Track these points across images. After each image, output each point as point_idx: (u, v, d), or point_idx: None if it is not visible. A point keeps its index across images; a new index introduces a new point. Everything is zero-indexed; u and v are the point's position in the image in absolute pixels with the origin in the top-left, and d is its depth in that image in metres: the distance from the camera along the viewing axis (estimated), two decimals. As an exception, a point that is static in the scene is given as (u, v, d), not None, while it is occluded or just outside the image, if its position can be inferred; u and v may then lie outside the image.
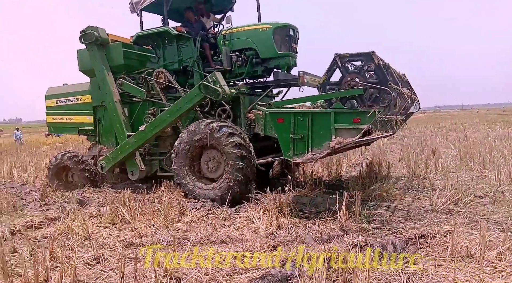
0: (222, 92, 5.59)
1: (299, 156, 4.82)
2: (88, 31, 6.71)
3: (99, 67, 6.81)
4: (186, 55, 6.56)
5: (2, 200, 5.82)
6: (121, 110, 6.84)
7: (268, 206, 4.93)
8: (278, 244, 3.85)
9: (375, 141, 6.98)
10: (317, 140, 4.72)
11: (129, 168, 6.73)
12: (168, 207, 5.16)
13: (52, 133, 8.38)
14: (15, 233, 4.53)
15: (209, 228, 4.51)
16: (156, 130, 6.27)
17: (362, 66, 5.20)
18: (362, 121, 4.44)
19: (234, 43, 6.24)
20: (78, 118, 7.52)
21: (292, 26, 6.22)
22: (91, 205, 5.75)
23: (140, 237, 4.34)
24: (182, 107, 6.01)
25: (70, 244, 3.93)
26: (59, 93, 7.80)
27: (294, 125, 4.84)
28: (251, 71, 6.33)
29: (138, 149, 6.62)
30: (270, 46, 5.98)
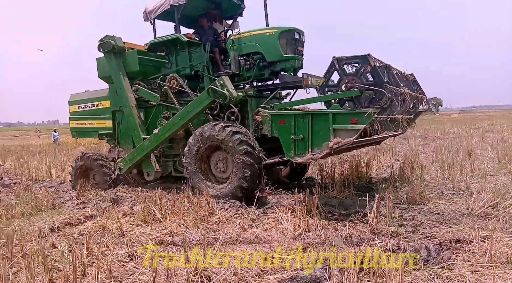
0: (229, 95, 5.80)
1: (300, 156, 4.97)
2: (106, 40, 7.07)
3: (116, 74, 7.18)
4: (197, 61, 6.82)
5: (42, 198, 6.14)
6: (137, 114, 7.17)
7: (296, 207, 4.91)
8: (307, 246, 3.82)
9: (384, 140, 6.98)
10: (317, 141, 4.87)
11: (145, 169, 7.05)
12: (197, 207, 5.24)
13: (75, 137, 8.70)
14: (54, 230, 4.75)
15: (238, 228, 4.55)
16: (169, 133, 6.54)
17: (359, 69, 5.23)
18: (360, 121, 4.55)
19: (242, 47, 6.47)
20: (98, 123, 7.86)
21: (297, 30, 6.36)
22: (124, 203, 5.95)
23: (171, 236, 4.44)
24: (192, 111, 6.26)
25: (105, 241, 4.08)
26: (81, 99, 8.18)
27: (295, 126, 5.01)
28: (259, 74, 6.53)
29: (153, 151, 6.89)
30: (276, 49, 6.15)
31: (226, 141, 5.74)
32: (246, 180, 5.60)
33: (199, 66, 6.81)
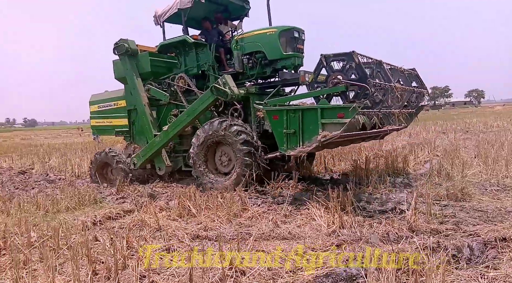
0: (231, 93, 6.16)
1: (292, 149, 5.29)
2: (120, 44, 7.57)
3: (130, 75, 7.65)
4: (203, 60, 7.22)
5: (85, 193, 6.45)
6: (149, 112, 7.63)
7: (329, 203, 4.84)
8: (342, 243, 3.76)
9: (383, 134, 7.04)
10: (307, 135, 5.16)
11: (157, 164, 7.49)
12: (231, 202, 5.31)
13: (95, 135, 9.17)
14: (96, 223, 4.98)
15: (270, 224, 4.55)
16: (177, 129, 6.96)
17: (345, 65, 5.39)
18: (346, 115, 4.79)
19: (245, 47, 6.78)
20: (115, 121, 8.39)
21: (296, 29, 6.58)
22: (160, 199, 6.14)
23: (205, 230, 4.52)
24: (198, 108, 6.68)
25: (143, 235, 4.22)
26: (100, 99, 8.72)
27: (287, 121, 5.31)
28: (261, 72, 6.85)
29: (164, 147, 7.31)
30: (277, 48, 6.43)
31: (225, 134, 6.18)
32: (247, 168, 5.99)
33: (205, 66, 7.19)
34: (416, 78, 6.98)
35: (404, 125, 6.37)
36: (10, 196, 6.68)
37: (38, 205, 5.80)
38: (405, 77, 6.45)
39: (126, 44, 7.51)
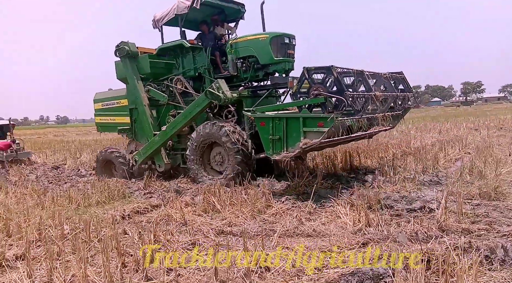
0: (223, 97, 6.48)
1: (277, 154, 5.70)
2: (121, 46, 7.85)
3: (131, 76, 7.95)
4: (200, 63, 7.55)
5: (114, 188, 6.66)
6: (149, 112, 7.94)
7: (355, 201, 4.76)
8: (368, 241, 3.70)
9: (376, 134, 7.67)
10: (291, 141, 5.55)
11: (157, 162, 7.85)
12: (255, 199, 5.32)
13: (100, 131, 9.56)
14: (125, 217, 5.14)
15: (295, 221, 4.53)
16: (175, 130, 7.31)
17: (325, 78, 5.70)
18: (325, 125, 5.19)
19: (239, 51, 7.10)
20: (118, 119, 8.68)
21: (287, 35, 6.98)
22: (186, 194, 6.24)
23: (230, 226, 4.56)
24: (194, 110, 7.00)
25: (170, 229, 4.32)
26: (104, 98, 9.04)
27: (273, 128, 5.70)
28: (254, 75, 7.20)
29: (163, 146, 7.64)
30: (268, 53, 6.78)
31: (217, 136, 6.58)
32: (239, 165, 6.39)
33: (201, 69, 7.54)
34: (403, 82, 7.45)
35: (391, 126, 6.95)
36: (45, 190, 6.99)
37: (70, 199, 6.04)
38: (389, 83, 6.86)
39: (126, 47, 7.81)
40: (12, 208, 5.39)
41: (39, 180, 8.78)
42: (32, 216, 4.87)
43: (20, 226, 4.46)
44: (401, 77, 7.39)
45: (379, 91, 6.40)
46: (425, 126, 17.54)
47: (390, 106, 6.85)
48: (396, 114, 7.01)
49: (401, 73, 7.44)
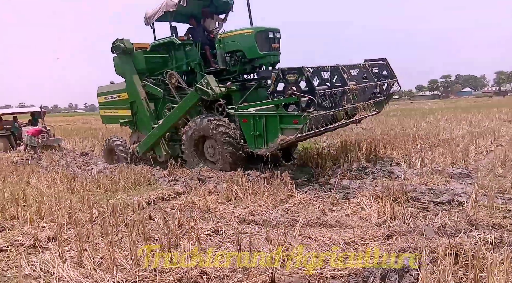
0: (212, 92, 6.87)
1: (259, 149, 6.07)
2: (117, 43, 8.20)
3: (128, 71, 8.36)
4: (191, 58, 7.81)
5: (140, 175, 6.83)
6: (146, 106, 8.31)
7: (380, 193, 4.67)
8: (393, 234, 3.62)
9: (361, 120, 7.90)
10: (270, 137, 5.89)
11: (157, 153, 8.32)
12: (277, 188, 5.32)
13: (104, 123, 10.30)
14: (150, 203, 5.26)
15: (317, 211, 4.50)
16: (170, 123, 7.72)
17: (297, 79, 6.01)
18: (299, 122, 5.50)
19: (227, 45, 7.38)
20: (120, 111, 9.01)
21: (271, 29, 7.27)
22: (209, 182, 6.31)
23: (252, 215, 4.58)
24: (186, 105, 7.38)
25: (193, 216, 4.39)
26: (106, 91, 9.38)
27: (254, 125, 6.02)
28: (242, 69, 7.54)
29: (162, 137, 8.01)
30: (254, 47, 7.05)
31: (208, 129, 6.86)
32: (229, 156, 6.69)
33: (192, 63, 7.81)
34: (386, 68, 7.82)
35: (377, 111, 7.41)
36: (74, 175, 7.26)
37: (98, 184, 6.25)
38: (369, 72, 7.27)
39: (122, 44, 8.15)
40: (44, 192, 5.64)
41: (69, 165, 9.13)
42: (62, 200, 5.07)
43: (52, 209, 4.65)
44: (384, 63, 7.78)
45: (360, 82, 6.96)
46: (455, 117, 16.90)
47: (373, 93, 7.43)
48: (380, 100, 7.55)
49: (385, 59, 7.81)
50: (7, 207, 4.83)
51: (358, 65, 7.12)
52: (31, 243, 3.83)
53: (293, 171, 6.71)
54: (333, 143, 10.12)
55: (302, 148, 9.12)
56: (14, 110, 16.72)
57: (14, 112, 15.03)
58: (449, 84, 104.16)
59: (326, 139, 10.68)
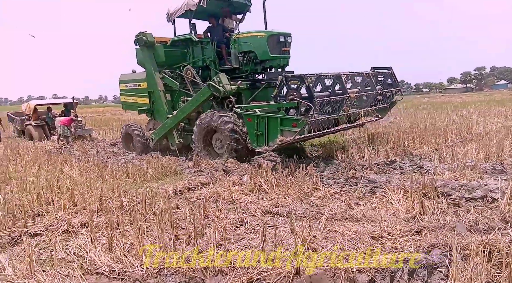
0: (223, 90, 7.33)
1: (260, 147, 6.51)
2: (140, 36, 8.78)
3: (148, 63, 8.91)
4: (207, 55, 8.39)
5: (166, 165, 6.98)
6: (163, 97, 8.89)
7: (409, 188, 4.55)
8: (422, 230, 3.53)
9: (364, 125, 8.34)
10: (271, 137, 6.32)
11: (170, 141, 8.89)
12: (302, 181, 5.30)
13: (124, 109, 11.08)
14: (177, 193, 5.38)
15: (343, 205, 4.45)
16: (184, 115, 8.26)
17: (298, 86, 6.45)
18: (298, 125, 5.93)
19: (241, 46, 7.86)
20: (139, 99, 9.63)
21: (282, 34, 7.72)
22: (233, 174, 6.37)
23: (276, 207, 4.59)
24: (199, 99, 7.89)
25: (219, 206, 4.45)
26: (127, 79, 10.00)
27: (257, 124, 6.46)
28: (253, 69, 7.99)
29: (175, 127, 8.54)
30: (265, 50, 7.55)
31: (216, 124, 7.33)
32: (234, 151, 7.17)
33: (207, 60, 8.34)
34: (391, 77, 8.34)
35: (379, 117, 8.05)
36: (104, 164, 7.51)
37: (127, 174, 6.44)
38: (371, 80, 7.74)
39: (144, 37, 8.68)
40: (76, 180, 5.88)
41: (99, 155, 9.45)
42: (94, 188, 5.27)
43: (84, 197, 4.84)
44: (389, 72, 8.31)
45: (363, 89, 7.49)
46: (489, 111, 16.14)
47: (377, 99, 7.96)
48: (383, 107, 8.15)
49: (390, 68, 8.32)
50: (43, 193, 5.07)
51: (362, 73, 7.62)
52: (65, 228, 4.01)
53: (318, 164, 6.65)
54: (359, 136, 9.92)
55: (327, 141, 9.01)
56: (48, 101, 17.41)
57: (48, 103, 15.65)
58: (483, 76, 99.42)
59: (352, 133, 10.50)
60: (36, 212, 4.51)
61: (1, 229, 4.02)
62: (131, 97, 9.93)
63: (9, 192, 5.28)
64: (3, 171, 6.96)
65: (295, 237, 3.25)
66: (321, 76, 6.80)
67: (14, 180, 6.13)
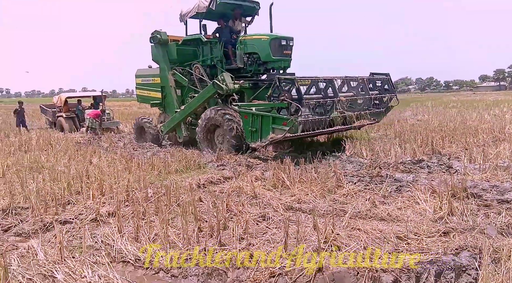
0: (226, 88, 7.82)
1: (254, 143, 7.12)
2: (155, 34, 9.35)
3: (161, 60, 9.50)
4: (215, 54, 8.83)
5: (190, 159, 7.08)
6: (174, 92, 9.49)
7: (437, 188, 4.41)
8: (450, 231, 3.42)
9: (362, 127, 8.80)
10: (264, 134, 6.91)
11: (178, 134, 9.56)
12: (325, 178, 5.24)
13: (139, 102, 11.58)
14: (200, 186, 5.45)
15: (367, 203, 4.37)
16: (190, 109, 8.86)
17: (289, 88, 6.87)
18: (287, 124, 6.47)
19: (246, 47, 8.28)
20: (152, 94, 10.20)
21: (284, 37, 8.12)
22: (256, 169, 6.38)
23: (299, 203, 4.57)
24: (204, 96, 8.46)
25: (241, 201, 4.47)
26: (143, 74, 10.53)
27: (252, 121, 7.06)
28: (257, 69, 8.41)
29: (182, 121, 9.14)
30: (268, 52, 7.95)
31: (218, 120, 7.88)
32: (232, 146, 7.67)
33: (214, 60, 8.81)
34: (388, 82, 8.82)
35: (376, 120, 8.63)
36: (131, 156, 7.70)
37: (153, 166, 6.58)
38: (366, 85, 8.19)
39: (158, 35, 9.24)
40: (104, 171, 6.06)
41: (126, 147, 9.69)
42: (121, 179, 5.42)
43: (112, 187, 4.99)
44: (386, 78, 8.77)
45: (357, 93, 8.01)
46: (524, 110, 15.40)
47: (374, 104, 8.44)
48: (378, 112, 8.56)
49: (387, 74, 8.77)
50: (73, 183, 5.26)
51: (357, 78, 8.07)
52: (93, 217, 4.15)
53: (342, 161, 6.56)
54: (385, 134, 9.71)
55: (352, 138, 8.87)
56: (78, 94, 18.02)
57: (78, 95, 16.20)
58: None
59: (378, 130, 10.28)
60: (66, 201, 4.68)
61: (34, 215, 4.21)
62: (146, 91, 10.51)
63: (42, 180, 5.51)
64: (36, 160, 7.27)
65: (318, 234, 3.22)
66: (315, 80, 7.29)
67: (46, 169, 6.40)
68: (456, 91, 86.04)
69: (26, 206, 4.50)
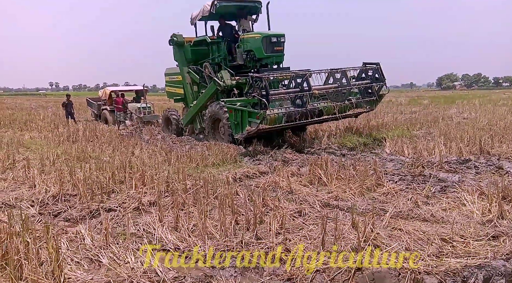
0: (223, 84, 8.73)
1: (237, 134, 7.95)
2: (172, 37, 10.32)
3: (179, 60, 10.51)
4: (220, 53, 9.51)
5: (227, 152, 7.17)
6: (190, 88, 10.43)
7: (486, 189, 4.16)
8: (500, 235, 3.22)
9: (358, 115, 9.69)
10: (244, 126, 7.73)
11: (194, 125, 10.49)
12: (364, 176, 5.10)
13: (169, 98, 12.41)
14: (236, 180, 5.50)
15: (409, 203, 4.21)
16: (200, 104, 9.79)
17: (259, 84, 7.44)
18: (259, 117, 7.28)
19: (244, 45, 9.00)
20: (178, 90, 11.10)
21: (275, 35, 8.76)
22: (292, 164, 6.34)
23: (336, 200, 4.49)
24: (208, 92, 9.40)
25: (277, 196, 4.46)
26: (170, 72, 11.51)
27: (235, 115, 7.98)
28: (254, 65, 9.05)
29: (196, 115, 10.07)
30: (260, 49, 8.66)
31: (219, 113, 8.61)
32: (230, 135, 8.34)
33: (219, 59, 9.48)
34: (377, 71, 9.12)
35: (370, 109, 9.41)
36: (170, 149, 7.93)
37: (191, 159, 6.73)
38: (347, 77, 8.67)
39: (175, 38, 10.19)
40: (146, 162, 6.28)
41: (165, 140, 9.99)
42: (161, 170, 5.60)
43: (153, 178, 5.16)
44: (376, 68, 9.12)
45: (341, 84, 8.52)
46: None
47: (368, 92, 9.03)
48: (372, 100, 9.13)
49: (378, 64, 9.14)
50: (117, 172, 5.50)
51: (340, 70, 8.63)
52: (136, 206, 4.32)
53: (382, 159, 6.36)
54: (429, 131, 9.29)
55: (394, 135, 8.57)
56: (122, 88, 18.73)
57: (122, 89, 16.86)
58: None
59: (421, 127, 9.86)
60: (111, 189, 4.91)
61: (81, 202, 4.45)
62: (172, 87, 11.51)
63: (88, 169, 5.81)
64: (83, 150, 7.68)
65: (358, 233, 3.15)
66: (294, 75, 7.94)
67: (92, 159, 6.75)
68: (506, 88, 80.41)
69: (74, 193, 4.77)
